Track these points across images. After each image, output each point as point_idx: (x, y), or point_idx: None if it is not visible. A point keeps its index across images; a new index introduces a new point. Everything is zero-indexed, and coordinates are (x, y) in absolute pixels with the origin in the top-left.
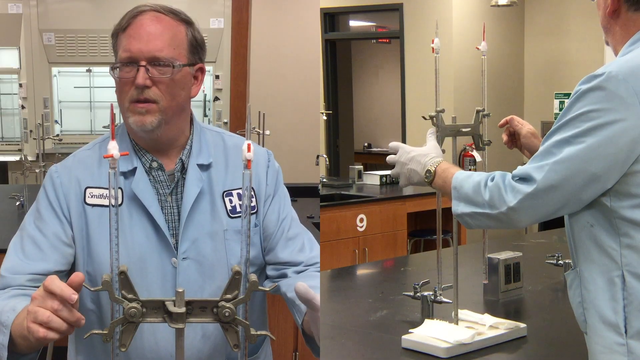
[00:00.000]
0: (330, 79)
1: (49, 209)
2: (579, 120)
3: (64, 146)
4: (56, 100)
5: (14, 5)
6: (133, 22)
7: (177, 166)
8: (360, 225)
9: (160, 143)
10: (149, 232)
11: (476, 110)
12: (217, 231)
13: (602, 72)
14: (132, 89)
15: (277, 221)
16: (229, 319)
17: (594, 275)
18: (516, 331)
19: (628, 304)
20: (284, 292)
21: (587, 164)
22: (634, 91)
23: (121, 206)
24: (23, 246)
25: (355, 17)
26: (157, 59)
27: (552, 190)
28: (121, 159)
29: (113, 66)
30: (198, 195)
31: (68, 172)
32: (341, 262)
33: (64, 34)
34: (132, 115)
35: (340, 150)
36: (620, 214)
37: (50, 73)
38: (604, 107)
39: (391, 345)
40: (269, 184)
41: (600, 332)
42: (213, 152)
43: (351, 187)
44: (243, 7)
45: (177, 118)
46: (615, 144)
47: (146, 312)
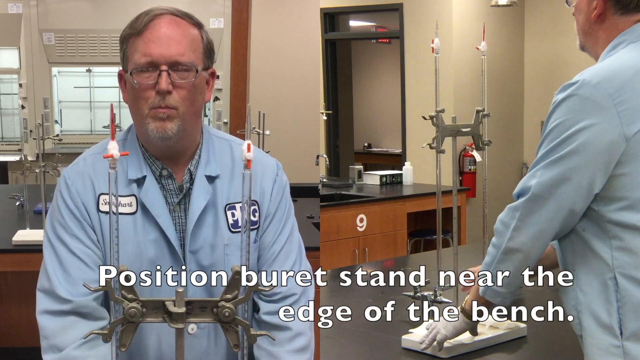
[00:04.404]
0: (330, 79)
1: (73, 220)
2: (557, 131)
3: (64, 146)
4: (56, 100)
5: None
6: (150, 26)
7: (186, 177)
8: (360, 225)
9: (173, 151)
10: (160, 241)
11: (476, 110)
12: (217, 244)
13: (576, 80)
14: (153, 95)
15: (268, 244)
16: (229, 318)
17: (590, 279)
18: (516, 331)
19: (622, 305)
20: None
21: (570, 172)
22: (608, 94)
23: (135, 214)
24: (65, 265)
25: (355, 17)
26: (179, 63)
27: (545, 198)
28: (130, 167)
29: (130, 71)
30: (204, 208)
31: (82, 178)
32: (341, 262)
33: (64, 34)
34: (152, 121)
35: (340, 150)
36: (609, 218)
37: (50, 73)
38: (578, 114)
39: (391, 345)
40: (272, 200)
41: (595, 335)
42: (220, 162)
43: (351, 187)
44: (243, 7)
45: (192, 125)
46: (594, 147)
47: (146, 312)
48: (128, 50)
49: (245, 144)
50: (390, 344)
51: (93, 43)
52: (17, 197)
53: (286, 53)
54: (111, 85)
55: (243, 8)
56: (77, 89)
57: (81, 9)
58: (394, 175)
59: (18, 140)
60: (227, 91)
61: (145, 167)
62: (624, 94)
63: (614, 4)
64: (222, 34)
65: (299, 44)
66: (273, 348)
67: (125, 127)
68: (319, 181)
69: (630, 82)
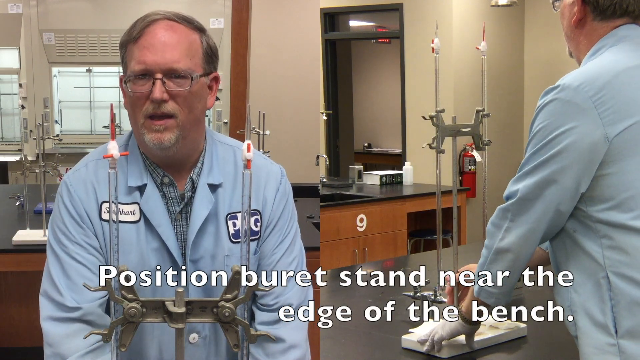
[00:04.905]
0: (330, 79)
1: (76, 227)
2: (540, 134)
3: (64, 146)
4: (56, 100)
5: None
6: (146, 32)
7: (188, 186)
8: (360, 225)
9: (174, 159)
10: (162, 251)
11: (476, 110)
12: (218, 255)
13: (558, 85)
14: (147, 103)
15: (268, 252)
16: (229, 318)
17: (583, 279)
18: (516, 331)
19: (615, 304)
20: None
21: (555, 174)
22: (588, 96)
23: (138, 223)
24: (68, 273)
25: (355, 17)
26: (174, 70)
27: (533, 200)
28: (131, 175)
29: (125, 79)
30: (205, 217)
31: (84, 185)
32: (341, 262)
33: (64, 34)
34: (148, 132)
35: (340, 150)
36: (597, 218)
37: (50, 73)
38: (560, 118)
39: (391, 345)
40: (275, 209)
41: (591, 334)
42: (222, 170)
43: (351, 187)
44: (243, 7)
45: (194, 132)
46: (576, 149)
47: (146, 312)
48: (126, 57)
49: (245, 144)
50: (390, 344)
51: (93, 43)
52: (17, 197)
53: (286, 53)
54: (111, 85)
55: (243, 8)
56: (77, 89)
57: (81, 9)
58: (394, 175)
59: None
60: (227, 91)
61: (146, 175)
62: (604, 95)
63: (592, 9)
64: (222, 34)
65: (299, 44)
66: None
67: (125, 127)
68: (319, 181)
69: (611, 84)
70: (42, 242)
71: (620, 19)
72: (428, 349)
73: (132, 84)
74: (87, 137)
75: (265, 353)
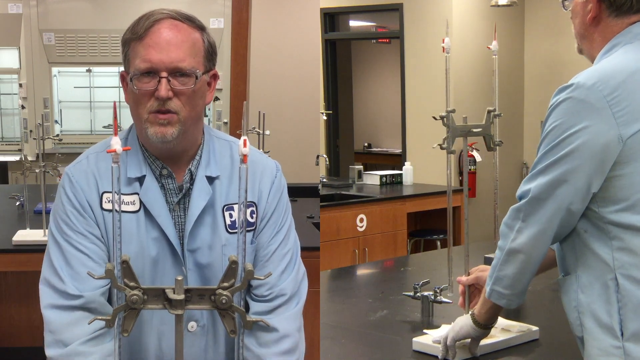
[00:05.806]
0: (330, 79)
1: (77, 216)
2: (553, 133)
3: (64, 146)
4: (56, 100)
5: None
6: (150, 31)
7: (186, 177)
8: (360, 225)
9: (173, 152)
10: (161, 240)
11: (487, 110)
12: (215, 245)
13: (572, 83)
14: (151, 101)
15: (263, 244)
16: (226, 305)
17: (590, 280)
18: (528, 334)
19: (622, 306)
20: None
21: (567, 174)
22: (602, 96)
23: (138, 213)
24: (70, 262)
25: (355, 17)
26: (179, 69)
27: (544, 200)
28: (130, 166)
29: (130, 76)
30: (203, 208)
31: (85, 176)
32: (341, 262)
33: (64, 34)
34: (151, 126)
35: (340, 150)
36: (609, 219)
37: (50, 73)
38: (574, 117)
39: (391, 345)
40: (270, 202)
41: (596, 336)
42: (219, 164)
43: (351, 187)
44: (243, 7)
45: (193, 127)
46: (589, 149)
47: (147, 299)
48: (129, 54)
49: (241, 140)
50: (390, 344)
51: (93, 43)
52: (17, 197)
53: (286, 53)
54: (111, 85)
55: (243, 8)
56: (77, 89)
57: (81, 9)
58: (394, 175)
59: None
60: (227, 91)
61: (145, 167)
62: (619, 95)
63: (607, 6)
64: (222, 34)
65: (299, 44)
66: (259, 350)
67: (125, 126)
68: (319, 181)
69: (625, 84)
70: (42, 242)
71: (636, 15)
72: (442, 354)
73: (137, 81)
74: (87, 137)
75: (258, 343)
